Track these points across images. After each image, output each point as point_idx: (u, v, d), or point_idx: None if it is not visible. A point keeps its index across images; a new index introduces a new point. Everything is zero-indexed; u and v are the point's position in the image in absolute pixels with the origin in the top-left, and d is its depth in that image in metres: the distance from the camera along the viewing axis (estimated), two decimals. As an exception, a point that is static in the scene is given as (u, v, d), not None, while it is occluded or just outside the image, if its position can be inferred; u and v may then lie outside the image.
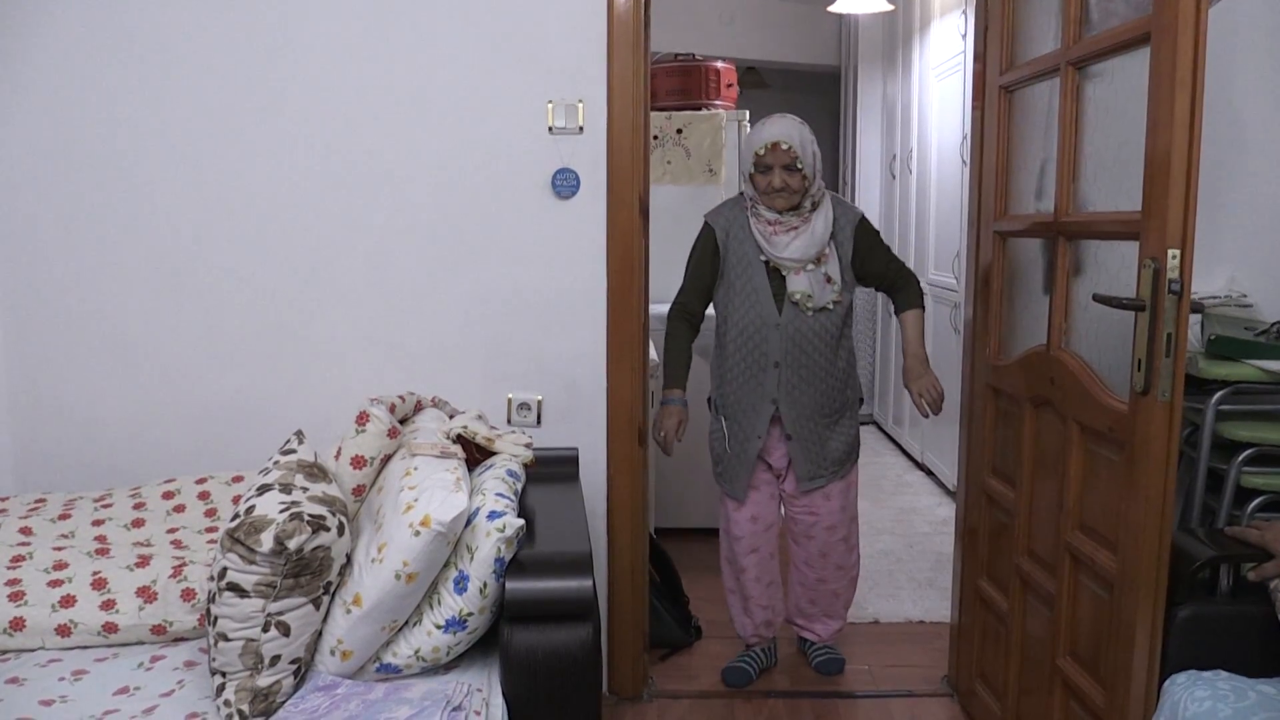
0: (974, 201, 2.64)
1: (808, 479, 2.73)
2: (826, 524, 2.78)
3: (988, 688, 2.55)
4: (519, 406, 2.66)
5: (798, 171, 2.56)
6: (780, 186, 2.56)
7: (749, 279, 2.64)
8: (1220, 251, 2.48)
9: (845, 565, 2.87)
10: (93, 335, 2.61)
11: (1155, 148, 1.73)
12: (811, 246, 2.60)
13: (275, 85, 2.55)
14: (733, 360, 2.69)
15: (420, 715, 1.65)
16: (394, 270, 2.61)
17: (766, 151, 2.55)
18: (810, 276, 2.61)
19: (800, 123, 2.62)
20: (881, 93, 6.01)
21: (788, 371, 2.64)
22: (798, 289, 2.60)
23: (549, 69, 2.55)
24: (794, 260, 2.60)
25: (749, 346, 2.66)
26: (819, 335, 2.64)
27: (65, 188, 2.56)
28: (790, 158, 2.55)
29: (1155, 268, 1.72)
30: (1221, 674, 1.75)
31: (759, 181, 2.60)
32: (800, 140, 2.57)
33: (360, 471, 2.03)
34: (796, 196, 2.59)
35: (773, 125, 2.59)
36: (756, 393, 2.67)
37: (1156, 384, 1.74)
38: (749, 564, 2.82)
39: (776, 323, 2.63)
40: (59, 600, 2.01)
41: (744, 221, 2.67)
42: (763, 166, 2.57)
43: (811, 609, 2.92)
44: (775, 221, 2.61)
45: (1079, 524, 2.06)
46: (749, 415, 2.69)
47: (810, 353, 2.64)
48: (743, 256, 2.66)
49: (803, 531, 2.82)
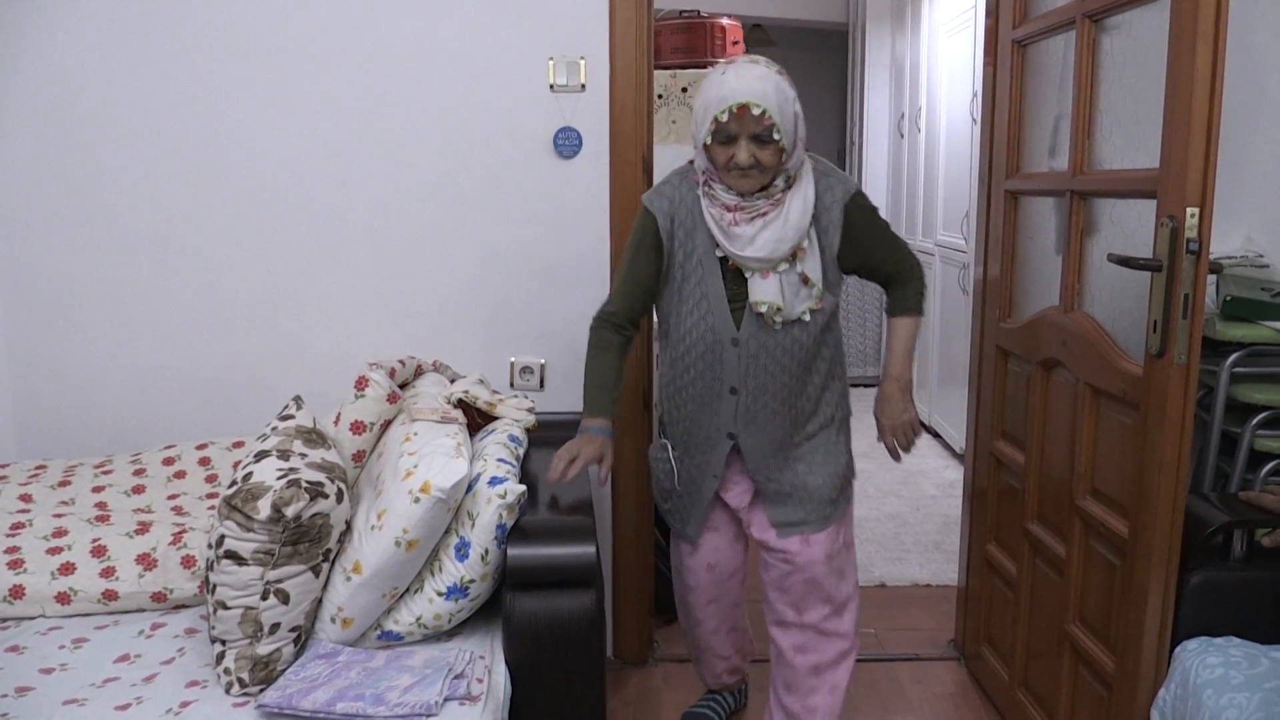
0: (984, 160, 2.59)
1: (786, 524, 2.09)
2: (805, 576, 2.10)
3: (995, 652, 2.53)
4: (521, 370, 2.63)
5: (772, 143, 1.85)
6: (747, 164, 1.86)
7: (699, 281, 1.99)
8: (1237, 210, 2.42)
9: (830, 632, 2.14)
10: (92, 301, 2.58)
11: (1175, 102, 1.68)
12: (784, 240, 1.91)
13: (272, 46, 2.49)
14: (680, 382, 2.09)
15: (422, 683, 1.63)
16: (393, 232, 2.57)
17: (730, 117, 1.83)
18: (781, 280, 1.94)
19: (776, 73, 1.88)
20: (890, 50, 5.92)
21: (748, 399, 2.02)
22: (764, 299, 1.93)
23: (549, 24, 2.48)
24: (760, 260, 1.92)
25: (699, 367, 2.04)
26: (789, 353, 2.00)
27: (63, 152, 2.52)
28: (763, 125, 1.83)
29: (1173, 226, 1.68)
30: (1234, 640, 1.74)
31: (717, 154, 1.89)
32: (778, 100, 1.84)
33: (360, 437, 2.01)
34: (768, 175, 1.90)
35: (738, 78, 1.84)
36: (709, 423, 2.08)
37: (1173, 346, 1.70)
38: (706, 616, 2.29)
39: (734, 338, 1.99)
40: (59, 568, 2.00)
41: (694, 203, 1.99)
42: (724, 135, 1.86)
43: (788, 697, 2.18)
44: (736, 206, 1.92)
45: (1090, 488, 2.03)
46: (701, 449, 2.11)
47: (777, 374, 2.01)
48: (691, 251, 2.00)
49: (775, 581, 2.14)
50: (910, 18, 5.44)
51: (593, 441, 2.00)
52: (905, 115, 5.57)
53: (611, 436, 2.04)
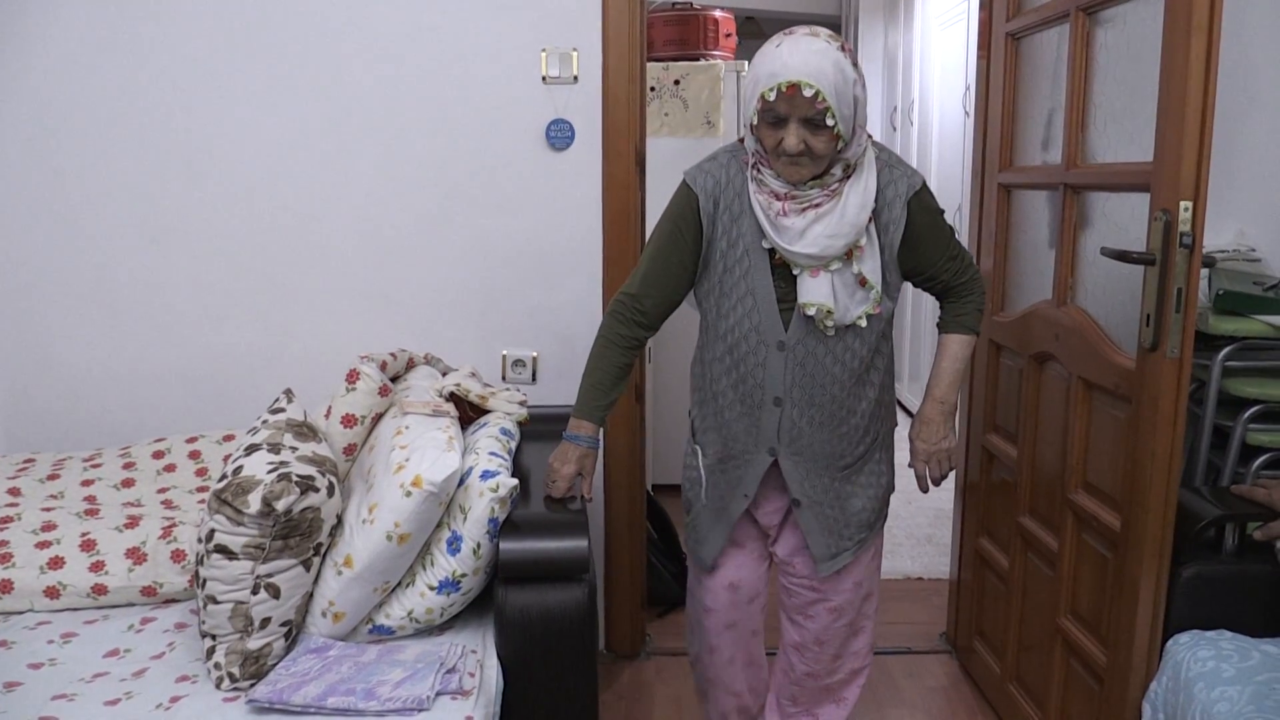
0: (978, 153, 2.59)
1: (827, 558, 1.92)
2: (833, 604, 1.97)
3: (987, 645, 2.54)
4: (514, 363, 2.62)
5: (827, 129, 1.64)
6: (797, 150, 1.65)
7: (744, 274, 1.80)
8: (1229, 204, 2.42)
9: (846, 654, 2.05)
10: (81, 293, 2.56)
11: (1169, 95, 1.67)
12: (839, 236, 1.71)
13: (262, 37, 2.47)
14: (717, 386, 1.88)
15: (414, 677, 1.63)
16: (385, 223, 2.56)
17: (779, 96, 1.62)
18: (835, 279, 1.74)
19: (838, 49, 1.65)
20: (883, 43, 5.91)
21: (794, 412, 1.83)
22: (814, 300, 1.74)
23: (542, 16, 2.47)
24: (810, 257, 1.72)
25: (740, 372, 1.84)
26: (841, 363, 1.81)
27: (51, 142, 2.50)
28: (816, 108, 1.62)
29: (1166, 220, 1.67)
30: (1225, 634, 1.74)
31: (765, 137, 1.69)
32: (836, 81, 1.62)
33: (351, 430, 2.00)
34: (822, 164, 1.69)
35: (792, 52, 1.62)
36: (748, 436, 1.87)
37: (1165, 340, 1.70)
38: (722, 643, 2.05)
39: (781, 341, 1.80)
40: (47, 562, 1.98)
41: (743, 186, 1.79)
42: (772, 116, 1.66)
43: (793, 708, 2.11)
44: (786, 195, 1.72)
45: (1082, 482, 2.03)
46: (736, 464, 1.90)
47: (827, 385, 1.81)
48: (736, 239, 1.80)
49: (797, 608, 2.01)
50: (903, 10, 5.44)
51: (569, 455, 1.89)
52: (898, 108, 5.57)
53: (594, 447, 1.91)
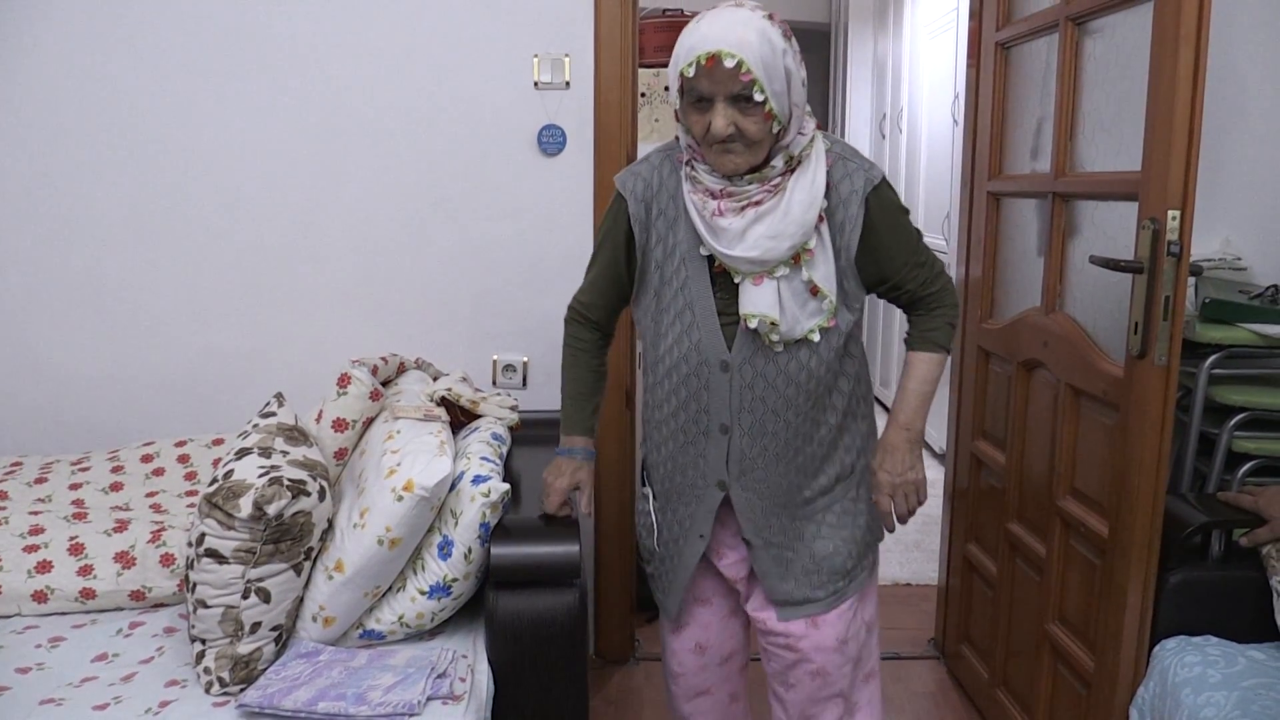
0: (967, 161, 2.60)
1: (788, 603, 1.69)
2: (813, 667, 1.71)
3: (975, 651, 2.55)
4: (504, 368, 2.62)
5: (758, 107, 1.44)
6: (726, 132, 1.45)
7: (681, 286, 1.60)
8: (1215, 213, 2.44)
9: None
10: (69, 295, 2.55)
11: (1157, 105, 1.69)
12: (784, 237, 1.50)
13: (253, 40, 2.47)
14: (660, 414, 1.69)
15: (404, 682, 1.63)
16: (376, 228, 2.56)
17: (698, 71, 1.43)
18: (783, 287, 1.54)
19: (763, 17, 1.45)
20: (872, 51, 5.93)
21: (742, 440, 1.62)
22: (756, 310, 1.53)
23: (533, 21, 2.48)
24: (751, 261, 1.52)
25: (681, 396, 1.64)
26: (794, 383, 1.59)
27: (40, 145, 2.49)
28: (742, 80, 1.42)
29: (1154, 229, 1.69)
30: (1211, 639, 1.75)
31: (694, 123, 1.49)
32: (761, 51, 1.42)
33: (342, 435, 2.00)
34: (759, 152, 1.50)
35: (711, 24, 1.44)
36: (694, 469, 1.67)
37: (1153, 347, 1.71)
38: (694, 712, 1.85)
39: (724, 361, 1.59)
40: (35, 566, 1.97)
41: (678, 187, 1.60)
42: (695, 96, 1.47)
43: None
44: (722, 192, 1.52)
45: (1070, 488, 2.04)
46: (684, 500, 1.71)
47: (779, 409, 1.60)
48: (673, 248, 1.61)
49: (777, 674, 1.76)
50: (892, 19, 5.46)
51: (564, 469, 1.77)
52: (887, 116, 5.59)
53: (590, 458, 1.79)
